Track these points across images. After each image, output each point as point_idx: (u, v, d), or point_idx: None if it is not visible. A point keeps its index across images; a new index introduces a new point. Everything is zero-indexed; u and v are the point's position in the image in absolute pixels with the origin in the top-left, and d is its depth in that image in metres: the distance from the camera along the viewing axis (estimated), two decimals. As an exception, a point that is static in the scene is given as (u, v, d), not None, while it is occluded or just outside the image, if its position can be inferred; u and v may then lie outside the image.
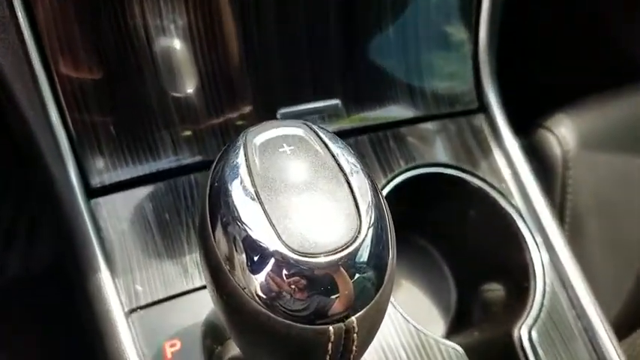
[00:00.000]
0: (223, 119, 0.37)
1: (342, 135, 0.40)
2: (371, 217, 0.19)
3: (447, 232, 0.50)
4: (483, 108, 0.49)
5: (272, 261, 0.18)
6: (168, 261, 0.36)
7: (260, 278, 0.19)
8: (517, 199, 0.46)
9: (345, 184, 0.20)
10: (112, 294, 0.34)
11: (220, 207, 0.20)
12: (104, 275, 0.34)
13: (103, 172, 0.36)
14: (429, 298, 0.51)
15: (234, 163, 0.20)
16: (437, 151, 0.46)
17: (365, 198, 0.20)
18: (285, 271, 0.18)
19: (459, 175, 0.46)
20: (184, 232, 0.37)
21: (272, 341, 0.20)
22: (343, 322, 0.19)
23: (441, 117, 0.48)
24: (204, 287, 0.35)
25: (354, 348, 0.20)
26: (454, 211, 0.48)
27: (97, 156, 0.35)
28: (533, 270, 0.43)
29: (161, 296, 0.35)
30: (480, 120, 0.49)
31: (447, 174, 0.45)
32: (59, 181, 0.36)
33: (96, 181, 0.36)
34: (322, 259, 0.18)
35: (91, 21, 0.33)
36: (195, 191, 0.37)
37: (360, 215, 0.19)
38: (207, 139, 0.37)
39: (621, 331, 0.68)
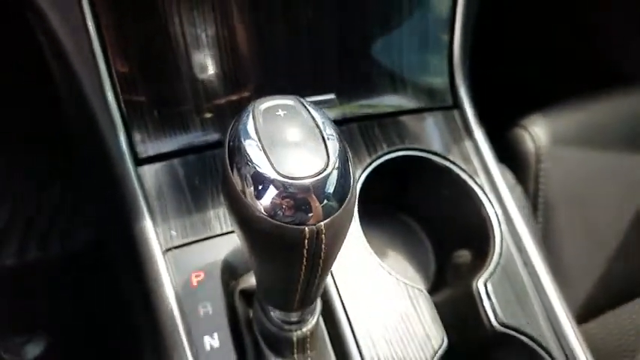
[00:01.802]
0: (238, 106, 0.47)
1: (335, 123, 0.50)
2: (336, 161, 0.29)
3: (425, 208, 0.59)
4: (457, 105, 0.59)
5: (271, 185, 0.28)
6: (196, 214, 0.46)
7: (264, 200, 0.29)
8: (482, 179, 0.55)
9: (321, 140, 0.30)
10: (153, 238, 0.44)
11: (235, 154, 0.30)
12: (148, 224, 0.44)
13: (147, 144, 0.47)
14: (412, 265, 0.60)
15: (245, 122, 0.30)
16: (415, 139, 0.55)
17: (333, 148, 0.29)
18: (279, 191, 0.28)
19: (434, 159, 0.55)
20: (209, 194, 0.47)
21: (270, 240, 0.29)
22: (314, 225, 0.29)
23: (421, 111, 0.57)
24: (222, 234, 0.45)
25: (323, 246, 0.29)
26: (430, 190, 0.58)
27: (142, 131, 0.46)
28: (493, 237, 0.52)
29: (190, 240, 0.45)
30: (453, 115, 0.59)
31: (423, 157, 0.55)
32: (114, 152, 0.46)
33: (142, 152, 0.47)
34: (303, 182, 0.28)
35: (142, 21, 0.43)
36: (217, 162, 0.48)
37: (329, 159, 0.29)
38: (226, 121, 0.47)
39: (591, 312, 0.76)
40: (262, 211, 0.29)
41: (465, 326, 0.49)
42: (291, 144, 0.29)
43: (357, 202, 0.51)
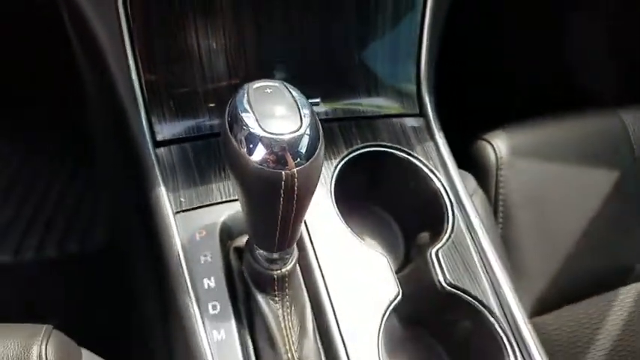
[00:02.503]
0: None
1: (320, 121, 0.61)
2: (307, 126, 0.40)
3: (394, 199, 0.69)
4: (423, 113, 0.70)
5: (259, 141, 0.39)
6: (201, 186, 0.56)
7: (255, 152, 0.39)
8: (440, 173, 0.65)
9: (297, 111, 0.41)
10: (166, 202, 0.55)
11: (234, 120, 0.41)
12: (162, 192, 0.55)
13: (164, 130, 0.58)
14: (383, 247, 0.70)
15: (241, 97, 0.41)
16: (387, 138, 0.66)
17: (306, 119, 0.40)
18: (265, 144, 0.39)
19: (401, 155, 0.66)
20: (213, 171, 0.57)
21: (258, 183, 0.40)
22: (289, 170, 0.39)
23: (392, 116, 0.69)
24: (222, 202, 0.56)
25: (295, 188, 0.40)
26: (398, 183, 0.68)
27: (160, 118, 0.57)
28: (447, 218, 0.62)
29: (196, 205, 0.55)
30: (419, 121, 0.70)
31: (392, 152, 0.65)
32: (137, 136, 0.57)
33: (159, 136, 0.58)
34: (282, 137, 0.38)
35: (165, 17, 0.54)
36: (220, 147, 0.58)
37: (302, 124, 0.40)
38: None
39: (547, 306, 0.84)
40: (253, 160, 0.39)
41: (420, 287, 0.59)
42: (275, 113, 0.40)
43: (333, 192, 0.62)
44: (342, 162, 0.63)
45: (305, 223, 0.56)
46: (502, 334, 0.54)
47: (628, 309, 0.89)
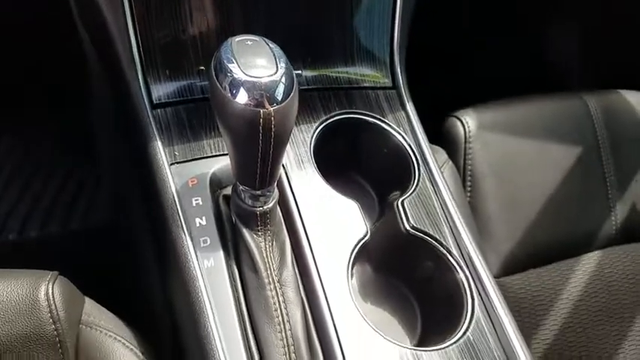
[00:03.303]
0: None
1: (301, 92, 0.68)
2: (283, 74, 0.47)
3: (369, 164, 0.76)
4: (395, 86, 0.78)
5: (241, 85, 0.46)
6: (194, 142, 0.63)
7: (238, 94, 0.46)
8: (409, 137, 0.72)
9: (274, 60, 0.48)
10: (162, 155, 0.62)
11: (218, 70, 0.48)
12: (158, 146, 0.62)
13: (160, 93, 0.65)
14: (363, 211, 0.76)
15: (225, 48, 0.48)
16: (362, 107, 0.73)
17: (282, 66, 0.47)
18: (246, 87, 0.46)
19: (374, 122, 0.73)
20: (203, 129, 0.64)
21: (239, 121, 0.47)
22: (267, 109, 0.46)
23: (368, 88, 0.76)
24: (212, 156, 0.63)
25: (272, 126, 0.47)
26: (372, 148, 0.75)
27: (156, 81, 0.64)
28: (414, 175, 0.70)
29: (188, 158, 0.62)
30: (392, 93, 0.77)
31: (366, 120, 0.73)
32: (135, 97, 0.64)
33: (155, 99, 0.65)
34: (261, 80, 0.46)
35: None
36: (209, 109, 0.65)
37: (277, 70, 0.47)
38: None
39: (514, 269, 0.92)
40: (236, 101, 0.46)
41: (388, 234, 0.66)
42: (255, 61, 0.47)
43: (314, 159, 0.68)
44: (321, 126, 0.70)
45: (286, 173, 0.64)
46: (460, 271, 0.62)
47: (590, 274, 0.97)
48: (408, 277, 0.68)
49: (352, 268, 0.65)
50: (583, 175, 0.99)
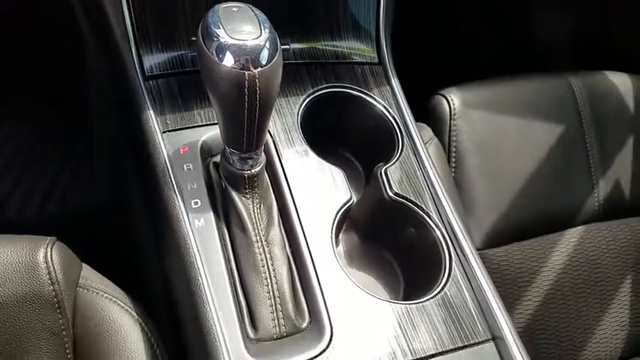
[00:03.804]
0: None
1: (289, 65, 0.71)
2: (267, 39, 0.50)
3: (355, 138, 0.79)
4: (381, 62, 0.80)
5: (227, 48, 0.49)
6: (185, 112, 0.66)
7: (225, 57, 0.49)
8: (393, 111, 0.75)
9: (259, 25, 0.50)
10: (154, 123, 0.64)
11: (205, 35, 0.50)
12: (151, 114, 0.65)
13: (152, 65, 0.67)
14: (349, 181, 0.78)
15: (211, 14, 0.51)
16: (348, 81, 0.76)
17: (266, 31, 0.50)
18: (231, 50, 0.48)
19: (360, 95, 0.75)
20: (194, 100, 0.67)
21: (226, 83, 0.50)
22: (251, 72, 0.49)
23: (355, 63, 0.79)
24: (202, 125, 0.65)
25: (257, 89, 0.50)
26: (358, 122, 0.78)
27: (148, 53, 0.66)
28: (397, 146, 0.72)
29: (179, 127, 0.65)
30: (378, 69, 0.80)
31: (352, 93, 0.75)
32: (129, 69, 0.67)
33: (148, 71, 0.67)
34: (246, 42, 0.48)
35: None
36: (199, 81, 0.67)
37: (261, 34, 0.50)
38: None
39: (498, 242, 0.94)
40: (223, 64, 0.49)
41: (372, 201, 0.69)
42: (240, 26, 0.50)
43: (302, 133, 0.71)
44: (308, 99, 0.73)
45: (274, 141, 0.66)
46: (438, 233, 0.64)
47: (572, 248, 1.00)
48: (392, 243, 0.71)
49: (337, 235, 0.68)
50: (566, 153, 1.01)
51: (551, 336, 0.94)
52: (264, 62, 0.50)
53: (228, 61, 0.49)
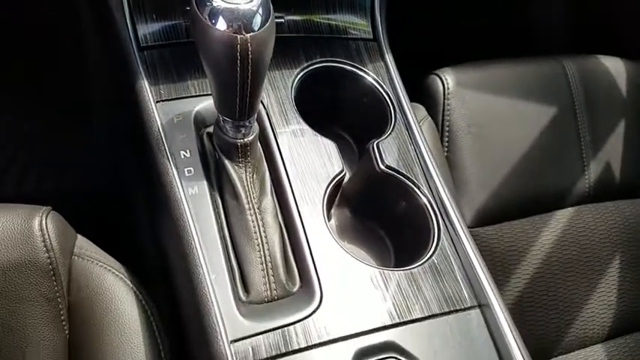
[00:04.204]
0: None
1: (283, 39, 0.71)
2: (260, 4, 0.50)
3: (349, 114, 0.80)
4: (376, 38, 0.81)
5: (220, 13, 0.49)
6: (179, 83, 0.67)
7: (218, 22, 0.50)
8: (387, 86, 0.76)
9: None
10: (149, 92, 0.65)
11: (200, 0, 0.51)
12: (145, 84, 0.65)
13: (147, 36, 0.68)
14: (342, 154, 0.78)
15: None
16: (342, 55, 0.76)
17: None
18: (224, 15, 0.49)
19: (354, 70, 0.76)
20: (187, 71, 0.67)
21: (218, 47, 0.50)
22: (244, 35, 0.50)
23: (349, 39, 0.79)
24: (196, 96, 0.66)
25: (249, 53, 0.50)
26: (352, 98, 0.78)
27: (143, 24, 0.67)
28: (390, 120, 0.73)
29: (173, 97, 0.66)
30: (372, 45, 0.81)
31: (345, 68, 0.76)
32: (124, 39, 0.67)
33: (142, 42, 0.68)
34: (238, 6, 0.49)
35: None
36: (193, 52, 0.68)
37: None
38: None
39: (488, 221, 0.96)
40: (215, 28, 0.50)
41: (364, 175, 0.70)
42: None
43: (295, 105, 0.71)
44: (302, 72, 0.74)
45: (267, 112, 0.67)
46: (427, 204, 0.66)
47: (561, 228, 1.01)
48: (383, 217, 0.72)
49: (330, 209, 0.69)
50: (558, 134, 1.03)
51: (540, 313, 0.96)
52: (256, 27, 0.50)
53: (221, 25, 0.50)
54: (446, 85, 0.95)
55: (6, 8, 0.97)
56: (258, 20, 0.50)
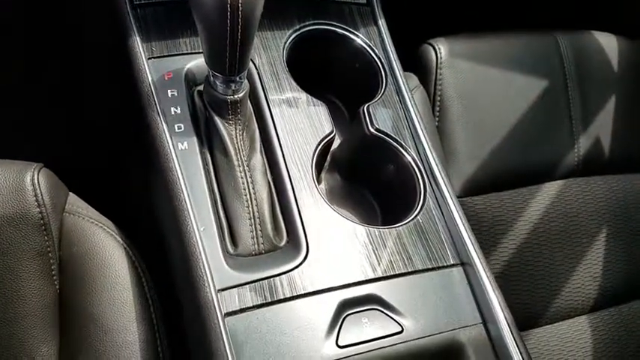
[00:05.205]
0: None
1: (275, 1, 0.70)
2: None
3: (341, 79, 0.80)
4: (369, 3, 0.80)
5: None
6: (170, 40, 0.67)
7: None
8: (379, 51, 0.76)
9: None
10: (141, 49, 0.65)
11: None
12: (137, 41, 0.65)
13: (140, -6, 0.68)
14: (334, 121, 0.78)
15: None
16: (336, 19, 0.76)
17: None
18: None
19: (345, 33, 0.76)
20: (180, 29, 0.67)
21: (210, 6, 0.50)
22: (235, -3, 0.50)
23: (342, 2, 0.79)
24: (187, 53, 0.66)
25: (239, 5, 0.50)
26: (345, 63, 0.79)
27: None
28: (381, 84, 0.74)
29: (165, 54, 0.66)
30: (366, 10, 0.80)
31: (337, 31, 0.76)
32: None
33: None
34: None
35: None
36: (186, 10, 0.67)
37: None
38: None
39: (477, 190, 0.97)
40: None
41: (354, 137, 0.71)
42: None
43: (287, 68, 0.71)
44: (295, 34, 0.74)
45: (258, 71, 0.67)
46: (414, 165, 0.67)
47: (549, 200, 1.03)
48: (372, 181, 0.73)
49: (320, 171, 0.70)
50: (549, 107, 1.03)
51: (526, 283, 0.98)
52: None
53: None
54: (439, 55, 0.96)
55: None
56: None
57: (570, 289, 1.01)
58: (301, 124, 0.66)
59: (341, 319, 0.55)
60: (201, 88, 0.66)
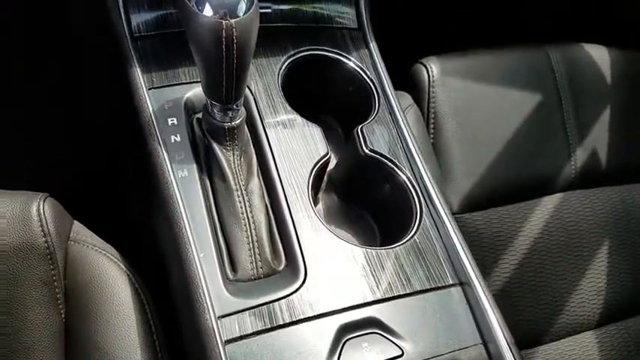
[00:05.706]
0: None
1: (270, 28, 0.73)
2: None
3: (335, 102, 0.82)
4: (360, 28, 0.83)
5: (206, 1, 0.51)
6: (170, 71, 0.69)
7: (204, 9, 0.52)
8: (371, 73, 0.78)
9: None
10: (141, 80, 0.67)
11: None
12: (138, 72, 0.67)
13: (140, 27, 0.70)
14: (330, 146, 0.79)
15: None
16: (329, 44, 0.78)
17: None
18: (211, 1, 0.51)
19: (338, 57, 0.78)
20: (179, 59, 0.69)
21: (205, 33, 0.52)
22: (229, 21, 0.52)
23: (334, 28, 0.81)
24: (186, 83, 0.68)
25: (234, 38, 0.52)
26: (338, 86, 0.80)
27: (136, 15, 0.69)
28: (374, 105, 0.75)
29: (165, 84, 0.68)
30: (357, 34, 0.82)
31: (330, 56, 0.78)
32: (118, 29, 0.69)
33: (135, 32, 0.70)
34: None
35: None
36: (184, 41, 0.70)
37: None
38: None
39: (474, 207, 0.98)
40: (202, 14, 0.52)
41: (349, 158, 0.72)
42: None
43: (283, 93, 0.73)
44: (289, 60, 0.76)
45: (254, 98, 0.69)
46: (409, 184, 0.68)
47: (548, 214, 1.03)
48: (368, 201, 0.74)
49: (317, 193, 0.71)
50: (543, 121, 1.04)
51: (528, 299, 0.97)
52: (240, 14, 0.52)
53: (208, 11, 0.52)
54: (431, 74, 0.97)
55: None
56: (242, 7, 0.53)
57: (574, 304, 1.00)
58: (297, 146, 0.67)
59: (341, 344, 0.56)
60: (200, 116, 0.67)
